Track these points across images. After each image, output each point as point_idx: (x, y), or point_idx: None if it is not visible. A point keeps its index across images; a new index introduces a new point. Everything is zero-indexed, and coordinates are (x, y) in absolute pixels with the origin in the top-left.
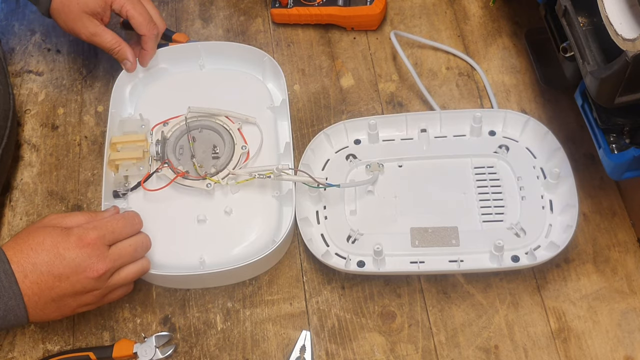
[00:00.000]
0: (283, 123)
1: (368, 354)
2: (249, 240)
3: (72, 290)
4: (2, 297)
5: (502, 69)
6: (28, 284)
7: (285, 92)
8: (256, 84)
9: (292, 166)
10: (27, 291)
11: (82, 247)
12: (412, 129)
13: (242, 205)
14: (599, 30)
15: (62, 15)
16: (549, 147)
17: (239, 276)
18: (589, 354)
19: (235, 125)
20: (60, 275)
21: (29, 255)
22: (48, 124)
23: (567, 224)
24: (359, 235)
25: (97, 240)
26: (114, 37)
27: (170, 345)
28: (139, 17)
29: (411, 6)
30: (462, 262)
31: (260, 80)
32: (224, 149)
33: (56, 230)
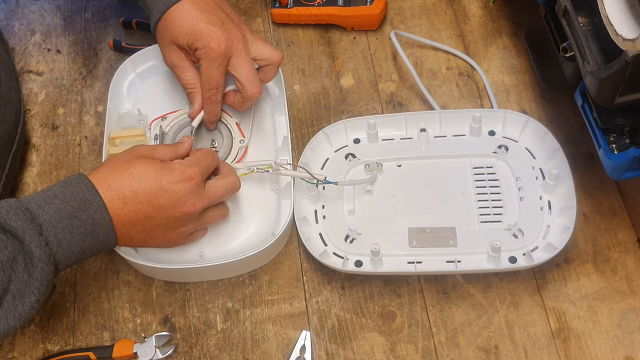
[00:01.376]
0: (280, 117)
1: (368, 354)
2: (248, 233)
3: (165, 222)
4: (87, 210)
5: (502, 69)
6: (127, 210)
7: (283, 86)
8: None
9: (291, 161)
10: (124, 217)
11: (185, 181)
12: (411, 128)
13: (241, 198)
14: (599, 30)
15: (159, 35)
16: (549, 148)
17: (238, 269)
18: (589, 354)
19: (233, 120)
20: (160, 207)
21: (130, 183)
22: (48, 124)
23: (565, 226)
24: (357, 234)
25: (198, 175)
26: (194, 77)
27: (170, 345)
28: (206, 78)
29: (411, 6)
30: (460, 263)
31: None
32: (222, 143)
33: (156, 162)
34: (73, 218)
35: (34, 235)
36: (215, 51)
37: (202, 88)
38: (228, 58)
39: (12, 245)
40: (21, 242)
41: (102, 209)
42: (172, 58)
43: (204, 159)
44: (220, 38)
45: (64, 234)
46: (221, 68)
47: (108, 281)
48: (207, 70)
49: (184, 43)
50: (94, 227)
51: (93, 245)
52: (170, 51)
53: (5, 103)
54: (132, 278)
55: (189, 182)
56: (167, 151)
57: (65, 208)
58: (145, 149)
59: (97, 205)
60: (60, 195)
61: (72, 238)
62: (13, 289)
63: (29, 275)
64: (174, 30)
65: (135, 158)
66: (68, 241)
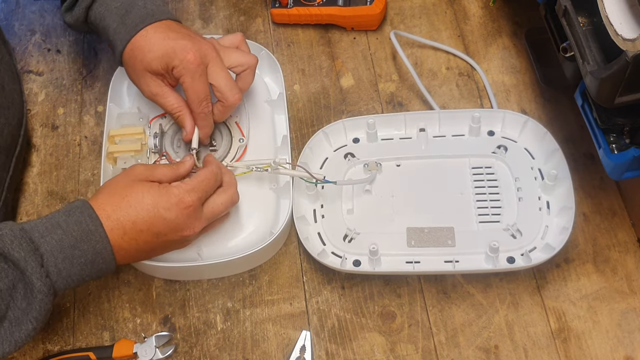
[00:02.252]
0: (280, 117)
1: (368, 354)
2: (247, 232)
3: (166, 244)
4: (89, 241)
5: (502, 69)
6: (126, 239)
7: (283, 86)
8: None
9: (290, 160)
10: (124, 245)
11: (183, 208)
12: (410, 128)
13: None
14: (599, 30)
15: (129, 68)
16: (548, 148)
17: (237, 268)
18: (589, 354)
19: (233, 119)
20: (159, 234)
21: (128, 213)
22: (48, 124)
23: (564, 226)
24: (355, 234)
25: (196, 202)
26: (177, 100)
27: (170, 345)
28: (192, 94)
29: (411, 6)
30: (458, 263)
31: (257, 74)
32: (222, 142)
33: (154, 187)
34: (75, 249)
35: (36, 267)
36: (194, 62)
37: (192, 104)
38: (206, 67)
39: (12, 274)
40: (22, 272)
41: (104, 240)
42: (150, 87)
43: (204, 183)
44: (194, 48)
45: (65, 264)
46: (203, 78)
47: (108, 281)
48: (191, 84)
49: (159, 67)
50: (94, 257)
51: (92, 273)
52: (146, 81)
53: (9, 105)
54: (132, 278)
55: (186, 209)
56: (167, 171)
57: (67, 239)
58: (143, 170)
59: (100, 236)
60: (63, 225)
61: (72, 267)
62: (11, 316)
63: (28, 304)
64: (144, 57)
65: (133, 183)
66: (68, 270)
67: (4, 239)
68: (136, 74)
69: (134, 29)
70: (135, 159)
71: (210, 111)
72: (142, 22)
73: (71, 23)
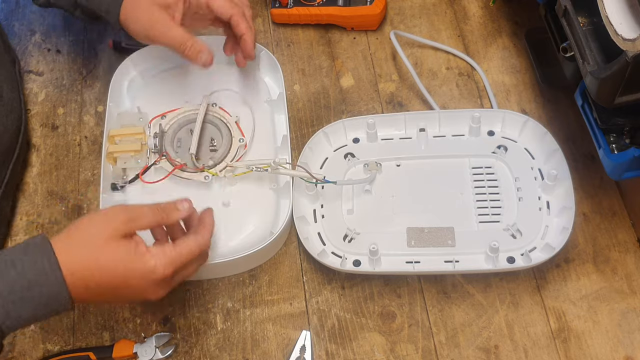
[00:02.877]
0: (280, 116)
1: (368, 354)
2: (247, 232)
3: (128, 299)
4: (44, 285)
5: (502, 69)
6: (88, 294)
7: (283, 86)
8: (253, 77)
9: (290, 160)
10: (84, 297)
11: (153, 279)
12: (410, 128)
13: (240, 197)
14: (599, 30)
15: (132, 14)
16: (548, 148)
17: (237, 268)
18: (589, 354)
19: (233, 118)
20: (121, 296)
21: (94, 275)
22: (48, 124)
23: (564, 226)
24: (355, 234)
25: (169, 275)
26: (185, 32)
27: (170, 345)
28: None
29: (411, 6)
30: (458, 263)
31: (257, 74)
32: (222, 142)
33: (130, 253)
34: (28, 290)
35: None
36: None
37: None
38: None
39: None
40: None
41: (61, 285)
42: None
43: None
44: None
45: (15, 306)
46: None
47: None
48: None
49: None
50: (49, 300)
51: (46, 314)
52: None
53: (8, 113)
54: None
55: (156, 280)
56: (152, 219)
57: (20, 281)
58: (125, 220)
59: (56, 280)
60: (19, 265)
61: (23, 310)
62: None
63: None
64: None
65: (109, 241)
66: (18, 312)
67: None
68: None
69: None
70: (135, 159)
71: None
72: None
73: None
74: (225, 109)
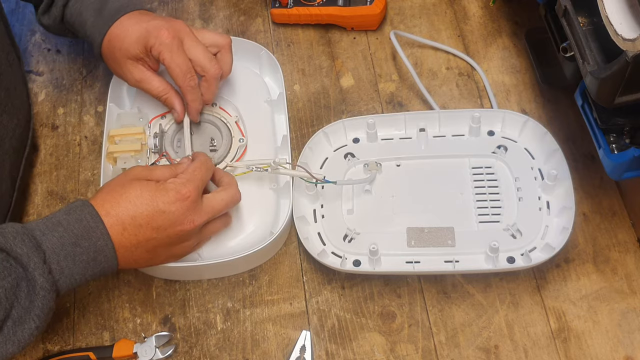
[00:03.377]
0: (280, 117)
1: (368, 354)
2: (247, 232)
3: (167, 241)
4: (90, 238)
5: (502, 69)
6: (127, 235)
7: (283, 86)
8: (253, 77)
9: (290, 160)
10: (125, 242)
11: (182, 200)
12: (410, 128)
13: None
14: (599, 30)
15: (109, 61)
16: (548, 148)
17: (237, 268)
18: (589, 354)
19: (233, 118)
20: (159, 228)
21: (127, 208)
22: (48, 124)
23: (564, 226)
24: (355, 234)
25: (194, 192)
26: (162, 83)
27: (170, 345)
28: (175, 67)
29: (411, 6)
30: (458, 263)
31: (257, 74)
32: (222, 142)
33: (151, 184)
34: (76, 246)
35: (38, 263)
36: (168, 36)
37: (177, 79)
38: (181, 41)
39: (16, 272)
40: (25, 269)
41: (105, 236)
42: (134, 74)
43: (197, 172)
44: (167, 25)
45: (67, 262)
46: (181, 51)
47: (108, 281)
48: (171, 58)
49: (137, 50)
50: (96, 254)
51: (95, 272)
52: (128, 69)
53: (19, 108)
54: (132, 278)
55: (185, 201)
56: (165, 172)
57: (68, 236)
58: (141, 170)
59: (100, 232)
60: (64, 223)
61: (75, 266)
62: (14, 315)
63: (30, 302)
64: (122, 44)
65: (131, 181)
66: (70, 269)
67: (7, 236)
68: (118, 64)
69: (110, 20)
70: (135, 159)
71: (197, 84)
72: (117, 13)
73: (49, 24)
74: (225, 109)
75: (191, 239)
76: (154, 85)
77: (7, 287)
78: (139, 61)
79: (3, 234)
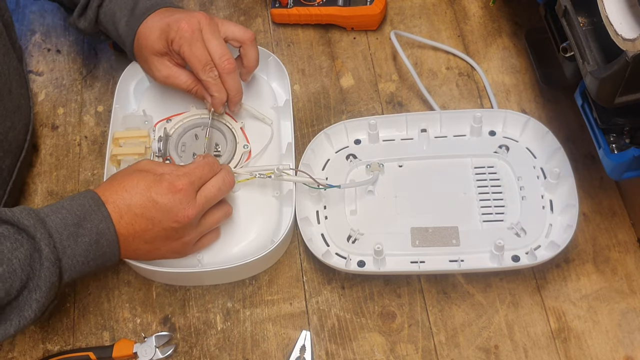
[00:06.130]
0: (286, 123)
1: (368, 354)
2: (248, 239)
3: (164, 234)
4: (92, 220)
5: (502, 69)
6: (124, 224)
7: (289, 93)
8: (260, 83)
9: (293, 167)
10: (122, 231)
11: (174, 192)
12: (412, 129)
13: (242, 204)
14: (599, 30)
15: (139, 59)
16: (549, 147)
17: (237, 275)
18: (589, 354)
19: (238, 124)
20: (153, 219)
21: (123, 196)
22: (48, 124)
23: (567, 224)
24: (359, 235)
25: (187, 186)
26: (189, 77)
27: (170, 345)
28: (194, 60)
29: (411, 6)
30: (463, 262)
31: (264, 80)
32: (226, 148)
33: (149, 175)
34: (78, 227)
35: (45, 234)
36: (187, 29)
37: (197, 72)
38: (201, 33)
39: (27, 243)
40: (33, 239)
41: (107, 219)
42: (161, 71)
43: (197, 169)
44: (186, 18)
45: (69, 242)
46: (200, 43)
47: (108, 281)
48: (189, 51)
49: (161, 46)
50: (98, 237)
51: (97, 256)
52: (155, 66)
53: (15, 110)
54: (132, 278)
55: (177, 194)
56: (171, 167)
57: (71, 217)
58: (147, 163)
59: (102, 215)
60: (67, 206)
61: (77, 246)
62: (30, 285)
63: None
64: (148, 42)
65: (132, 172)
66: (73, 249)
67: (14, 211)
68: (146, 62)
69: (141, 18)
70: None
71: (217, 76)
72: (147, 11)
73: (85, 27)
74: (230, 115)
75: (190, 233)
76: (182, 80)
77: (21, 258)
78: (164, 57)
79: (11, 210)
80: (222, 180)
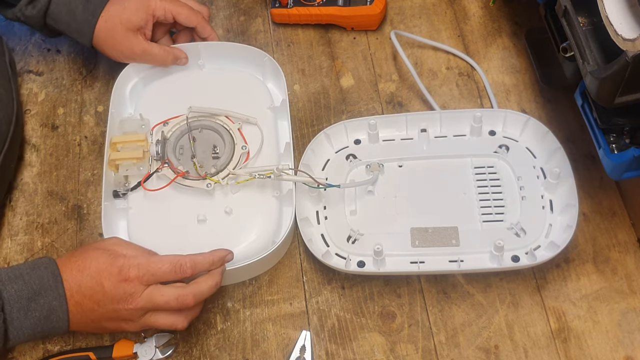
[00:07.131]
0: (283, 123)
1: (368, 354)
2: (249, 240)
3: (109, 316)
4: (47, 296)
5: (502, 69)
6: (73, 302)
7: (286, 92)
8: (256, 84)
9: (292, 166)
10: (72, 308)
11: (120, 281)
12: (412, 129)
13: (242, 205)
14: (599, 30)
15: (108, 41)
16: (549, 147)
17: (238, 276)
18: (589, 354)
19: (236, 126)
20: (99, 302)
21: (75, 275)
22: (48, 124)
23: (567, 224)
24: (359, 235)
25: (135, 279)
26: (161, 48)
27: (170, 345)
28: (184, 11)
29: (411, 6)
30: (462, 262)
31: (260, 81)
32: (224, 149)
33: (104, 255)
34: (31, 301)
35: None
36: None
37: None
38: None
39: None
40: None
41: (62, 297)
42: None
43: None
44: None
45: (19, 314)
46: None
47: None
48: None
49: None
50: (49, 313)
51: (45, 329)
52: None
53: None
54: None
55: (124, 283)
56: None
57: (26, 290)
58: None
59: (58, 293)
60: (26, 276)
61: (26, 320)
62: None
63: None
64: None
65: (94, 249)
66: (21, 322)
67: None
68: (118, 41)
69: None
70: (137, 166)
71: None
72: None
73: (32, 15)
74: (228, 116)
75: (132, 321)
76: (155, 51)
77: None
78: (139, 31)
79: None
80: (175, 298)
